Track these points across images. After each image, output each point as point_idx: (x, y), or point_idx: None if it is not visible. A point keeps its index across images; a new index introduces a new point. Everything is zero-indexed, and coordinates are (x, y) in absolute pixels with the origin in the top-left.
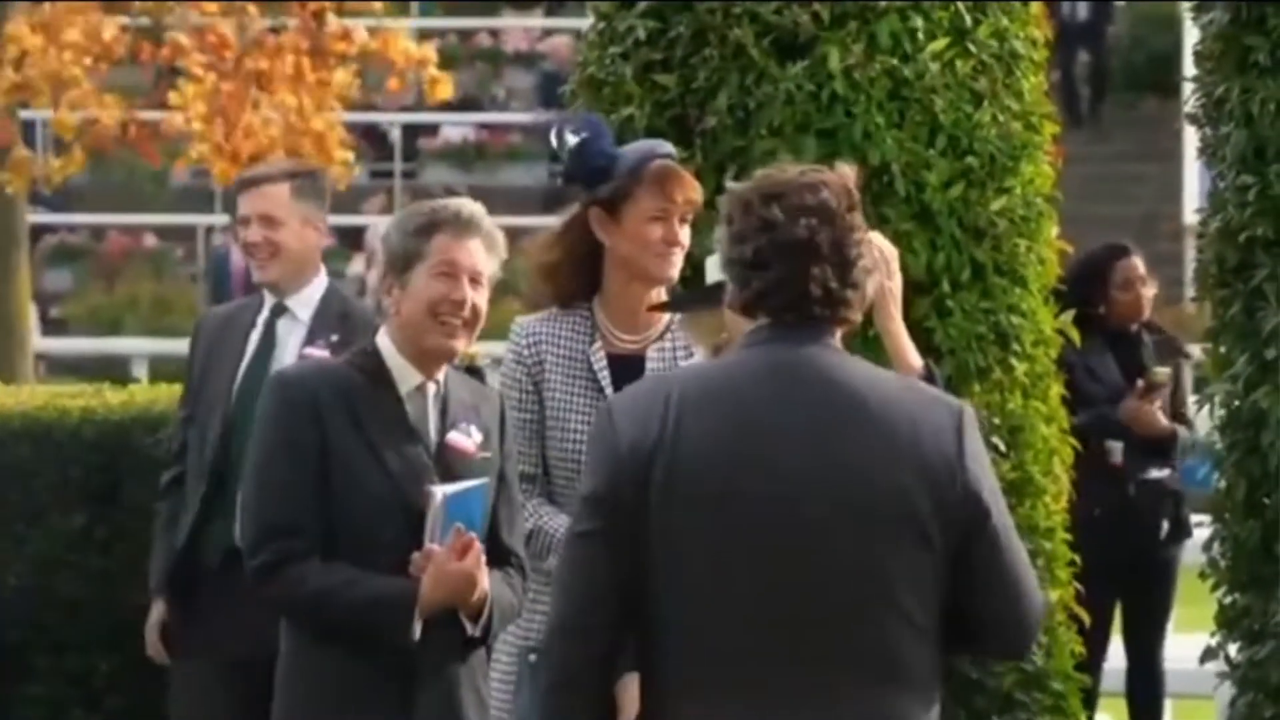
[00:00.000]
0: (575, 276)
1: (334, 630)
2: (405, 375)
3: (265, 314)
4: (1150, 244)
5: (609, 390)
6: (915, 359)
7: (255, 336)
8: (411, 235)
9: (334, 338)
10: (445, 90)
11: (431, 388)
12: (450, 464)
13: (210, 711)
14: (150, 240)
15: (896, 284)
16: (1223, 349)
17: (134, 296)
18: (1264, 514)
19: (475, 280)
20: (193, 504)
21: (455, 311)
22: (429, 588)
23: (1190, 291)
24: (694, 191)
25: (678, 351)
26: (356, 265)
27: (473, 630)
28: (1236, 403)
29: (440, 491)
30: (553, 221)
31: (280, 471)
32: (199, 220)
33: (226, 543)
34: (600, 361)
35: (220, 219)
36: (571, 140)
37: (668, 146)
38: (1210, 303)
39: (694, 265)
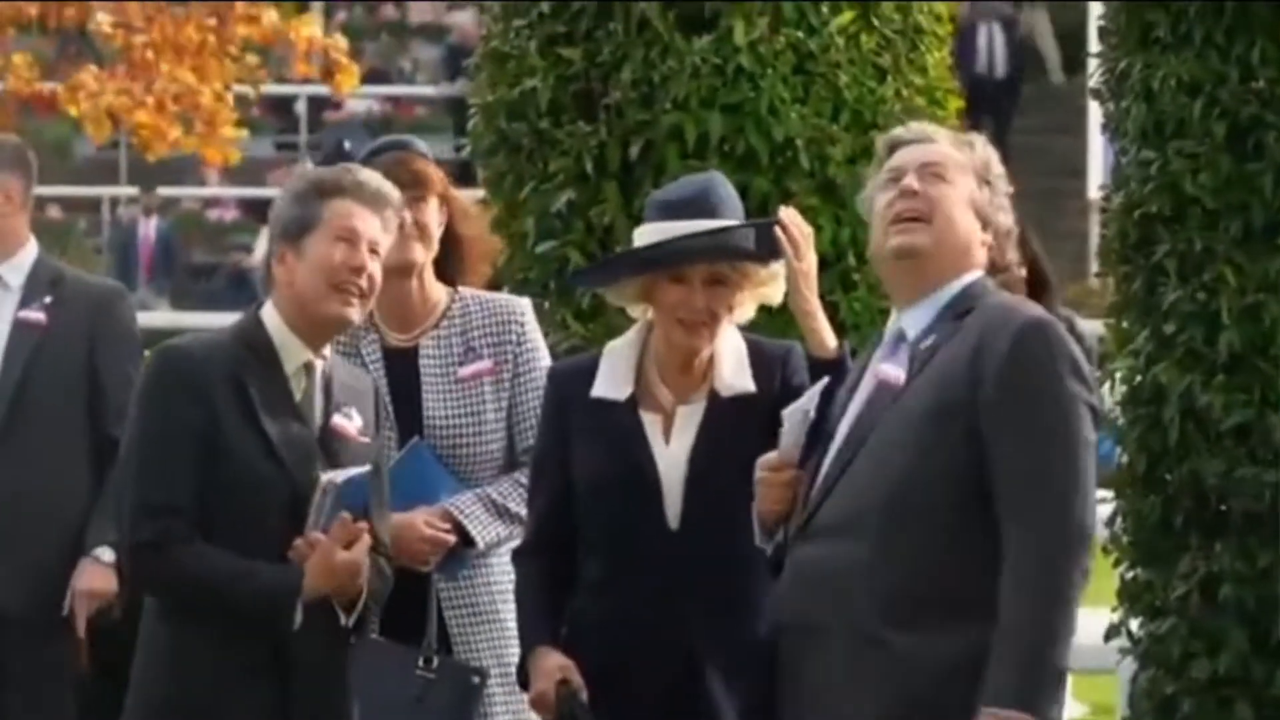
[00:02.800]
0: None
1: (218, 618)
2: (292, 352)
3: None
4: (1057, 220)
5: (382, 383)
6: (830, 339)
7: None
8: (308, 199)
9: (48, 299)
10: (350, 82)
11: (319, 365)
12: (333, 448)
13: None
14: (54, 212)
15: (810, 264)
16: (1125, 324)
17: None
18: (1165, 489)
19: (374, 250)
20: None
21: (355, 278)
22: (314, 577)
23: (1095, 267)
24: (406, 172)
25: (454, 341)
26: (264, 240)
27: (346, 620)
28: (1138, 378)
29: (329, 478)
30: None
31: (162, 449)
32: (104, 192)
33: None
34: (374, 354)
35: (127, 190)
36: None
37: (409, 141)
38: (1113, 279)
39: (601, 240)
